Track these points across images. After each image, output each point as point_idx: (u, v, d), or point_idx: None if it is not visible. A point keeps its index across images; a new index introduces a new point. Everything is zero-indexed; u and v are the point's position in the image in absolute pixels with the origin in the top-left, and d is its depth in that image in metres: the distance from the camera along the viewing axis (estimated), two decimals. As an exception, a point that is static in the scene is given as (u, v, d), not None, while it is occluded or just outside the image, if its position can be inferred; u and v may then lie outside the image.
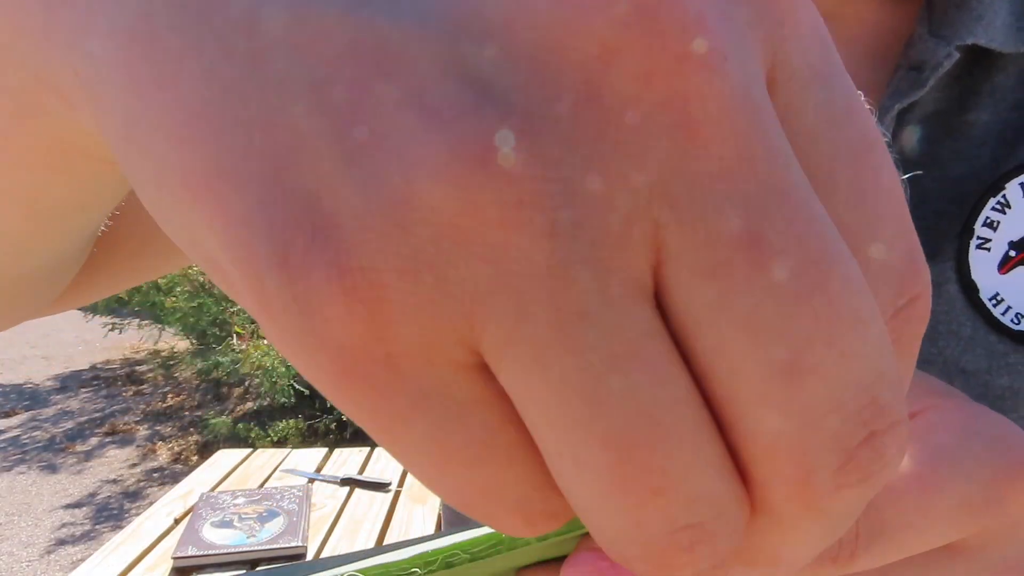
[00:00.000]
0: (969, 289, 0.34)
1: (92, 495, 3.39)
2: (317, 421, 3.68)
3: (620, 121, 0.09)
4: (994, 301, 0.34)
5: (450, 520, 0.58)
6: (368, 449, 2.02)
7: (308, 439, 3.58)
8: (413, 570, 0.18)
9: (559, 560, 0.19)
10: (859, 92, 0.12)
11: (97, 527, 3.06)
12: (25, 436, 4.15)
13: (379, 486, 1.75)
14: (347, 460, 1.94)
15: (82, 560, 1.73)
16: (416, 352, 0.10)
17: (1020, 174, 0.33)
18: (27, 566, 2.79)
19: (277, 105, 0.10)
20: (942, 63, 0.32)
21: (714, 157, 0.09)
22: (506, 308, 0.09)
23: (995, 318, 0.33)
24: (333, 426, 3.64)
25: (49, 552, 2.88)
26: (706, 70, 0.09)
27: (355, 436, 3.55)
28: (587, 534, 0.18)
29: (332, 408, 3.73)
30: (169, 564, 1.39)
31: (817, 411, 0.10)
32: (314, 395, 3.83)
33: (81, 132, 0.16)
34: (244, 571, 1.36)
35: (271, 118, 0.10)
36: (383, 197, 0.09)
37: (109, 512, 3.21)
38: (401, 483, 1.78)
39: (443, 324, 0.10)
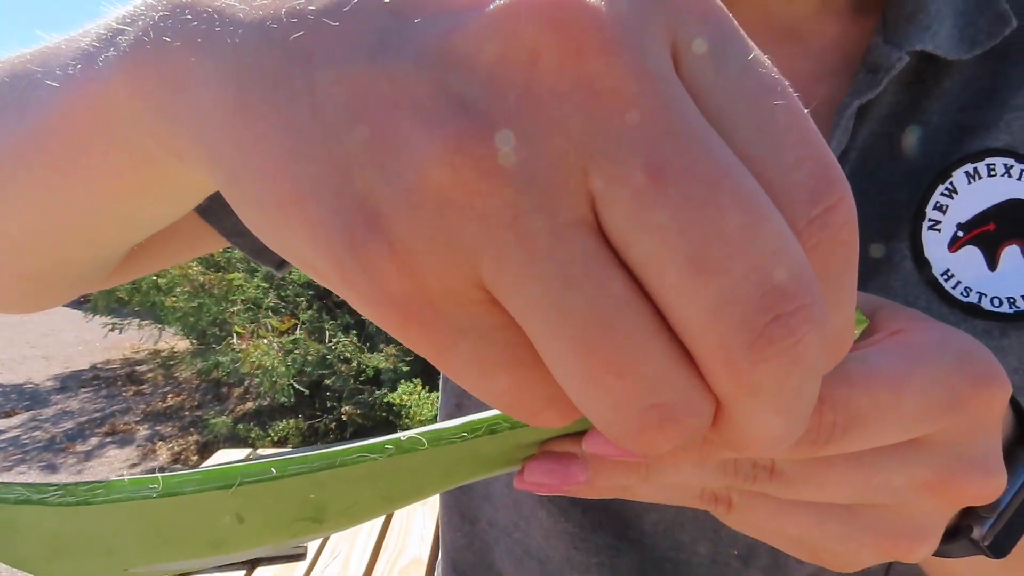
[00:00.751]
0: (923, 266, 0.38)
1: (92, 495, 3.38)
2: (317, 421, 3.68)
3: (546, 104, 0.13)
4: (945, 276, 0.38)
5: (448, 503, 0.58)
6: (368, 449, 2.02)
7: (308, 439, 3.58)
8: (462, 434, 0.21)
9: (581, 434, 0.22)
10: (760, 54, 0.14)
11: (97, 527, 3.06)
12: (25, 436, 4.15)
13: (379, 486, 1.75)
14: (347, 460, 1.94)
15: (82, 560, 1.72)
16: (447, 294, 0.14)
17: (965, 163, 0.38)
18: (27, 566, 2.79)
19: (332, 141, 0.14)
20: (894, 65, 0.37)
21: (618, 117, 0.13)
22: (493, 253, 0.13)
23: (946, 291, 0.37)
24: (333, 426, 3.64)
25: (49, 552, 2.88)
26: (603, 55, 0.12)
27: (355, 436, 3.54)
28: None
29: (332, 408, 3.73)
30: (169, 564, 1.39)
31: (724, 298, 0.13)
32: (314, 395, 3.83)
33: (181, 173, 0.22)
34: (244, 571, 1.36)
35: (329, 151, 0.14)
36: (403, 187, 0.13)
37: (109, 512, 3.21)
38: (401, 483, 1.78)
39: (458, 271, 0.13)
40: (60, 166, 0.25)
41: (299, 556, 1.42)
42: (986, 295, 0.38)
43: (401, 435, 0.21)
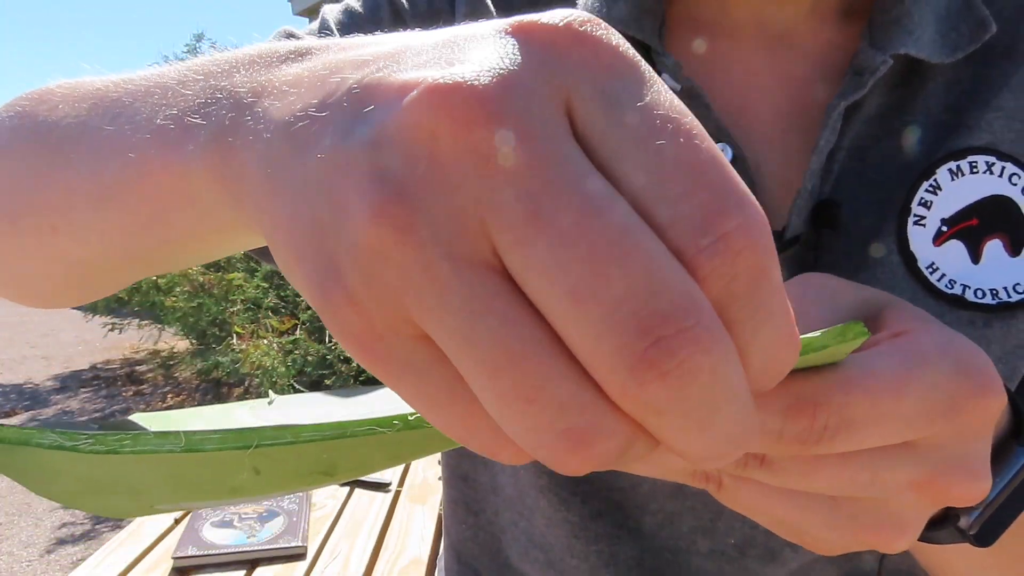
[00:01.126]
0: (909, 259, 0.39)
1: (92, 495, 3.39)
2: (317, 421, 3.67)
3: (446, 170, 0.15)
4: (930, 269, 0.39)
5: (453, 498, 0.58)
6: (368, 449, 2.02)
7: (308, 439, 3.57)
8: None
9: None
10: (661, 96, 0.16)
11: (97, 527, 3.06)
12: (25, 436, 4.14)
13: (379, 486, 1.75)
14: (347, 460, 1.94)
15: (82, 560, 1.72)
16: (390, 331, 0.16)
17: (948, 161, 0.39)
18: (27, 566, 2.79)
19: (315, 212, 0.17)
20: (878, 67, 0.38)
21: (501, 174, 0.15)
22: (414, 295, 0.15)
23: (932, 284, 0.39)
24: (333, 426, 3.64)
25: (49, 552, 2.88)
26: (486, 125, 0.15)
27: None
28: None
29: (332, 408, 3.71)
30: (169, 564, 1.39)
31: (603, 326, 0.14)
32: (314, 395, 3.81)
33: (244, 235, 0.29)
34: (244, 571, 1.36)
35: (313, 220, 0.17)
36: (349, 245, 0.16)
37: (109, 512, 3.21)
38: (401, 483, 1.78)
39: (393, 312, 0.16)
40: (135, 219, 0.29)
41: (299, 556, 1.42)
42: (970, 287, 0.39)
43: (409, 413, 0.22)
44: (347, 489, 1.74)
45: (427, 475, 1.82)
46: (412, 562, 1.42)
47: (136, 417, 0.28)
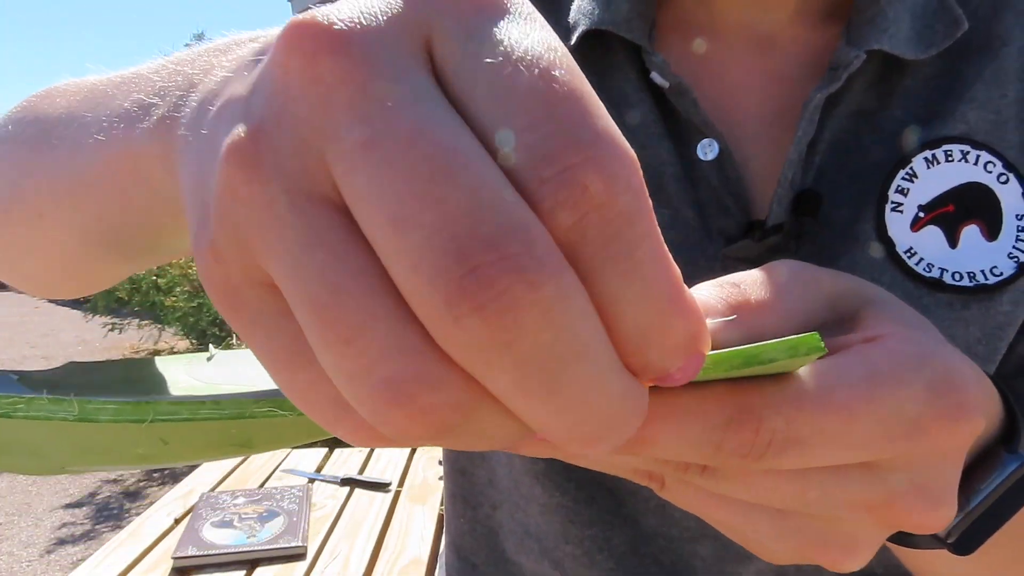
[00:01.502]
0: (887, 244, 0.40)
1: (92, 495, 3.39)
2: (317, 421, 3.68)
3: (292, 103, 0.15)
4: (908, 254, 0.40)
5: (452, 492, 0.59)
6: (368, 449, 2.02)
7: (308, 439, 3.58)
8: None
9: None
10: (522, 30, 0.15)
11: (97, 527, 3.06)
12: (25, 436, 4.15)
13: (379, 486, 1.75)
14: (347, 460, 1.94)
15: (82, 560, 1.73)
16: (244, 278, 0.16)
17: (924, 150, 0.41)
18: (27, 566, 2.79)
19: (203, 158, 0.17)
20: (852, 62, 0.40)
21: (340, 104, 0.14)
22: (258, 235, 0.15)
23: (910, 267, 0.40)
24: (333, 426, 3.64)
25: (49, 552, 2.88)
26: (329, 57, 0.14)
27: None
28: None
29: (332, 408, 3.71)
30: (169, 564, 1.39)
31: (420, 252, 0.13)
32: (314, 395, 3.81)
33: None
34: (244, 571, 1.36)
35: (201, 167, 0.17)
36: (213, 193, 0.16)
37: (109, 512, 3.21)
38: (401, 483, 1.78)
39: (244, 256, 0.15)
40: (104, 202, 0.30)
41: (299, 556, 1.42)
42: (947, 270, 0.40)
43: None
44: (347, 489, 1.75)
45: (427, 475, 1.82)
46: (412, 562, 1.42)
47: (67, 366, 0.27)
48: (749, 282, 0.23)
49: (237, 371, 0.28)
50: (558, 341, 0.13)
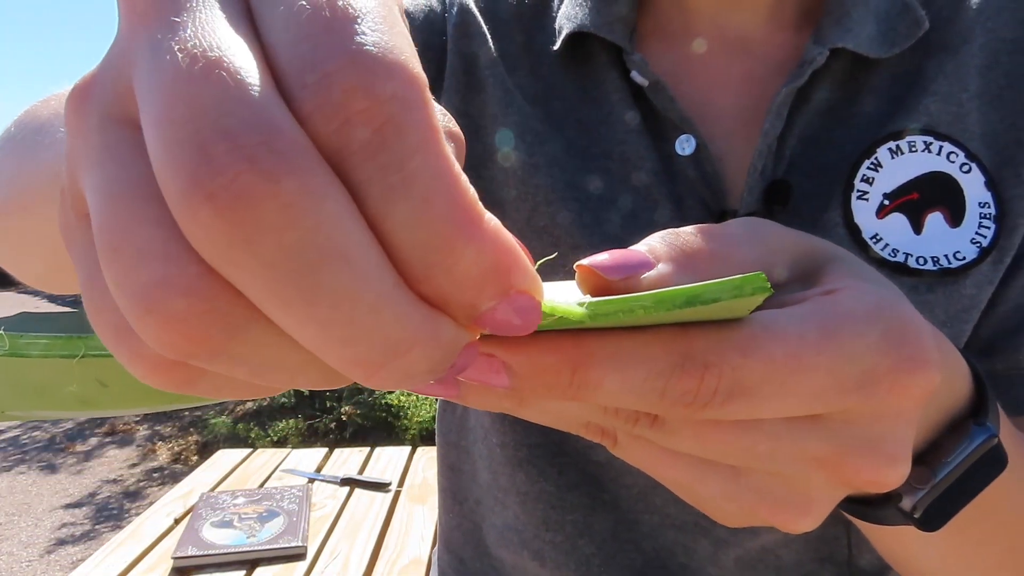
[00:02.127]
0: (853, 231, 0.42)
1: (92, 495, 3.39)
2: (317, 421, 3.68)
3: (114, 51, 0.15)
4: (874, 240, 0.42)
5: (443, 487, 0.59)
6: (368, 449, 2.02)
7: (308, 439, 3.58)
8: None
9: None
10: None
11: (97, 527, 3.06)
12: (25, 436, 4.15)
13: (379, 486, 1.75)
14: (347, 460, 1.94)
15: (82, 560, 1.73)
16: (72, 215, 0.16)
17: (888, 141, 0.43)
18: (27, 566, 2.79)
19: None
20: (815, 59, 0.43)
21: (140, 34, 0.14)
22: (73, 156, 0.16)
23: (875, 252, 0.42)
24: (333, 426, 3.64)
25: (49, 552, 2.88)
26: (144, 4, 0.14)
27: (355, 436, 3.54)
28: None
29: (331, 408, 3.72)
30: (169, 564, 1.39)
31: (168, 145, 0.13)
32: (314, 395, 3.83)
33: None
34: (244, 571, 1.36)
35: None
36: None
37: (109, 512, 3.21)
38: (401, 483, 1.78)
39: (71, 194, 0.16)
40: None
41: (299, 556, 1.42)
42: (912, 255, 0.42)
43: None
44: (347, 489, 1.75)
45: (427, 475, 1.82)
46: (412, 562, 1.42)
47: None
48: (706, 232, 0.22)
49: None
50: (307, 243, 0.13)
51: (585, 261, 0.20)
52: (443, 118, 0.21)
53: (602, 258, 0.20)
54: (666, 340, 0.19)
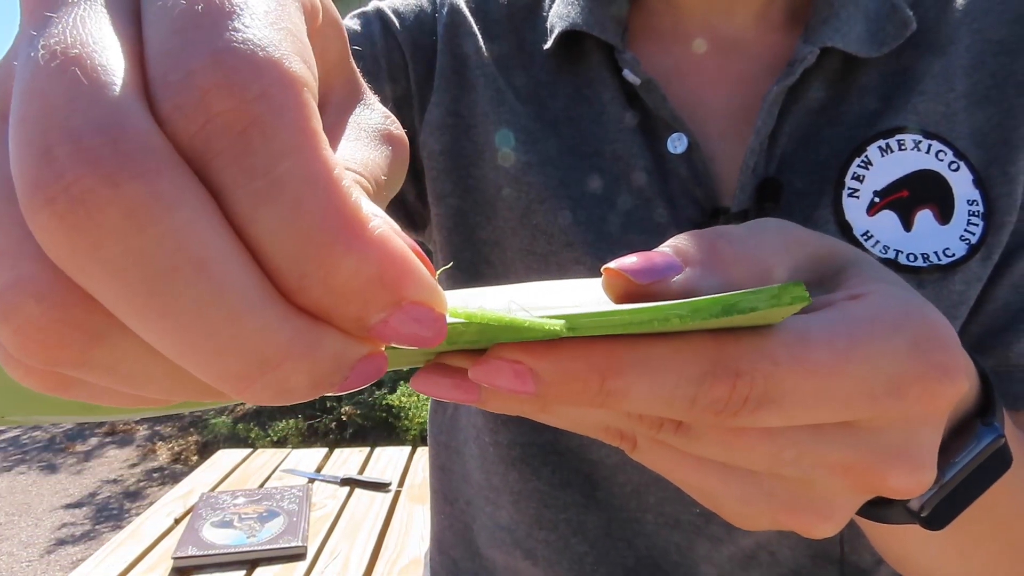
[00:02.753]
0: (844, 228, 0.43)
1: (92, 495, 3.39)
2: (317, 421, 3.68)
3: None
4: (865, 236, 0.42)
5: (434, 487, 0.59)
6: (368, 449, 2.02)
7: (308, 439, 3.58)
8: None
9: (480, 352, 0.20)
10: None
11: (97, 527, 3.06)
12: (25, 436, 4.15)
13: (379, 486, 1.75)
14: (347, 460, 1.94)
15: (82, 560, 1.72)
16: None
17: (878, 140, 0.43)
18: (27, 566, 2.79)
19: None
20: (806, 58, 0.43)
21: (23, 27, 0.14)
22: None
23: (867, 249, 0.42)
24: (333, 426, 3.64)
25: (49, 552, 2.88)
26: None
27: (355, 436, 3.55)
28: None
29: (332, 408, 3.72)
30: (169, 564, 1.39)
31: (16, 145, 0.12)
32: (314, 395, 3.82)
33: None
34: (244, 571, 1.36)
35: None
36: None
37: (109, 512, 3.21)
38: (401, 483, 1.78)
39: None
40: None
41: (299, 556, 1.42)
42: (902, 252, 0.42)
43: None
44: (347, 489, 1.75)
45: (427, 475, 1.82)
46: (412, 562, 1.42)
47: None
48: (731, 233, 0.22)
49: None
50: (157, 250, 0.12)
51: (613, 264, 0.20)
52: (384, 120, 0.21)
53: (630, 261, 0.20)
54: (697, 347, 0.19)
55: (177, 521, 1.60)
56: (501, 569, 0.54)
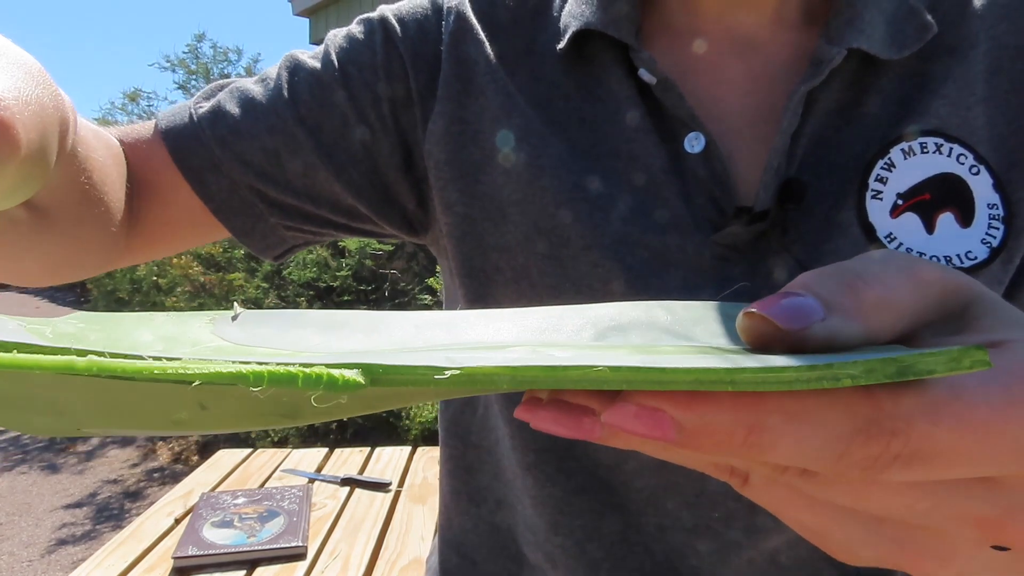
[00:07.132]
0: (868, 230, 0.43)
1: (92, 495, 3.39)
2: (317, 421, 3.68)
3: None
4: (888, 239, 0.42)
5: (456, 488, 0.59)
6: (368, 449, 2.02)
7: (308, 439, 3.58)
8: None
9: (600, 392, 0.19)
10: None
11: (97, 527, 3.06)
12: (26, 436, 4.15)
13: (379, 486, 1.75)
14: (347, 460, 1.94)
15: (82, 560, 1.72)
16: None
17: (900, 142, 0.44)
18: (27, 566, 2.79)
19: None
20: (834, 58, 0.43)
21: None
22: None
23: None
24: (333, 426, 3.64)
25: (49, 552, 2.88)
26: None
27: (355, 436, 3.54)
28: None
29: (332, 408, 3.72)
30: (169, 564, 1.39)
31: None
32: (314, 395, 3.81)
33: None
34: (244, 571, 1.36)
35: None
36: None
37: (109, 512, 3.21)
38: (401, 483, 1.78)
39: None
40: None
41: (299, 556, 1.42)
42: (925, 255, 0.42)
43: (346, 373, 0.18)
44: (347, 489, 1.74)
45: (427, 475, 1.82)
46: (412, 562, 1.42)
47: (76, 317, 0.23)
48: (868, 274, 0.21)
49: (265, 335, 0.24)
50: None
51: (753, 307, 0.20)
52: None
53: (774, 306, 0.20)
54: (850, 404, 0.18)
55: (177, 521, 1.59)
56: (529, 568, 0.54)
